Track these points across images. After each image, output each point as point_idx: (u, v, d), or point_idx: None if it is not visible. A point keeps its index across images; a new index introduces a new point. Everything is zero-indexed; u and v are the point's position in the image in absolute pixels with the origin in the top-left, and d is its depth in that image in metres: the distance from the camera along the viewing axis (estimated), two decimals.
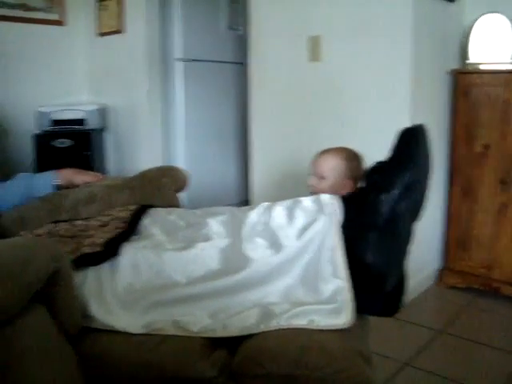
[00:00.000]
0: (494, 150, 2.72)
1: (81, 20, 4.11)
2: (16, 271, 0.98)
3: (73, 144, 3.67)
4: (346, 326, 1.27)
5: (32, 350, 1.04)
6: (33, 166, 3.67)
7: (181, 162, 4.05)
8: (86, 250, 1.40)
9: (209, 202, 4.31)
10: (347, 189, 1.70)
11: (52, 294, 1.12)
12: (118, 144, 4.08)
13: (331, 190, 1.68)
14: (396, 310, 1.52)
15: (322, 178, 1.74)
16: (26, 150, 3.72)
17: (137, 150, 3.95)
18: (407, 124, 2.49)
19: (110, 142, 4.12)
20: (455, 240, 2.92)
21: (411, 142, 1.42)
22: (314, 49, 2.82)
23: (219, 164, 4.40)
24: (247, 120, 3.31)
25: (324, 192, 1.70)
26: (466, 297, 2.83)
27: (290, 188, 1.90)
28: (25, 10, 3.79)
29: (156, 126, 3.92)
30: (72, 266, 1.22)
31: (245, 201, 4.13)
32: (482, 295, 2.82)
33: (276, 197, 2.95)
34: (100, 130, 3.98)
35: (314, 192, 1.73)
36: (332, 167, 1.73)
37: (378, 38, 2.59)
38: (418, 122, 2.51)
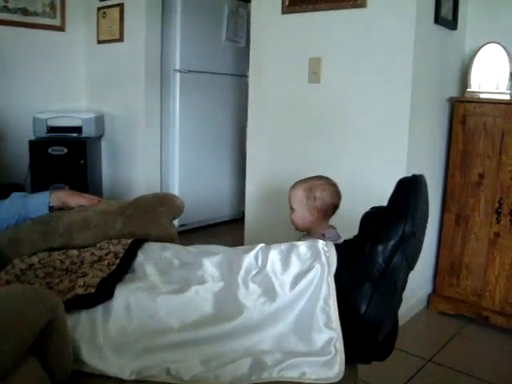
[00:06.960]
0: (489, 180, 2.73)
1: (81, 27, 4.10)
2: (11, 327, 0.97)
3: (68, 152, 3.65)
4: (337, 380, 1.27)
5: None
6: (28, 172, 3.65)
7: (176, 173, 4.04)
8: (80, 291, 1.39)
9: (204, 214, 4.32)
10: (318, 221, 1.84)
11: (44, 343, 1.11)
12: (114, 153, 4.06)
13: (301, 221, 1.85)
14: (387, 355, 1.52)
15: (292, 209, 1.88)
16: (23, 156, 3.69)
17: (132, 160, 3.94)
18: (405, 148, 2.53)
19: (105, 151, 4.11)
20: (446, 266, 2.93)
21: (409, 192, 1.41)
22: (314, 70, 2.82)
23: (215, 176, 4.41)
24: (245, 133, 3.31)
25: (296, 223, 1.88)
26: (455, 324, 2.84)
27: (285, 205, 1.96)
28: (25, 15, 3.77)
29: (152, 136, 3.92)
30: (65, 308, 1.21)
31: (241, 212, 4.14)
32: (471, 322, 2.84)
33: (270, 212, 2.99)
34: (96, 139, 3.97)
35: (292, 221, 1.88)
36: (298, 199, 1.85)
37: (379, 62, 2.59)
38: (415, 146, 2.56)
